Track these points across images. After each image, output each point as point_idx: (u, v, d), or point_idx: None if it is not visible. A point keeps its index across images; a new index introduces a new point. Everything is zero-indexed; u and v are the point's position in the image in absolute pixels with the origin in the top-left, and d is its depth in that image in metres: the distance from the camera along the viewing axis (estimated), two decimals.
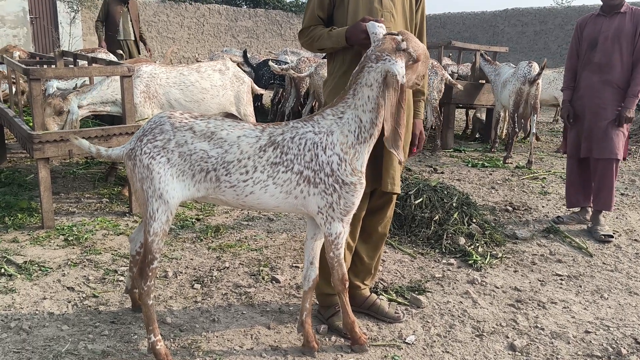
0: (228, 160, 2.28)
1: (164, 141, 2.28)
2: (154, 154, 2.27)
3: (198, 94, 4.99)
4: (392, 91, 2.17)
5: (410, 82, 2.33)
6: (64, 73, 4.09)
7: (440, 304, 3.08)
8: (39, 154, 3.88)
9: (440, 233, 3.94)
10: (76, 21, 15.14)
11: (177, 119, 2.32)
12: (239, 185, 2.30)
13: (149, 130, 2.32)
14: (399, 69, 2.18)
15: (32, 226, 4.07)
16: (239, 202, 2.36)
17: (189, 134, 2.29)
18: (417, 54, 2.25)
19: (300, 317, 2.55)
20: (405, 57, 2.22)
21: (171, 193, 2.28)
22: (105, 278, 3.27)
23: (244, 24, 19.97)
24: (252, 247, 3.83)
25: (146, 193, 2.29)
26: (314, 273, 2.53)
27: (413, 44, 2.24)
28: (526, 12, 17.90)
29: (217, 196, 2.35)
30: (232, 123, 2.35)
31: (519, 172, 6.33)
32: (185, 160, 2.28)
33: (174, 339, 2.64)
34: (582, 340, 2.74)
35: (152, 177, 2.26)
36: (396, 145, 2.21)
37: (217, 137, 2.29)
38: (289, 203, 2.37)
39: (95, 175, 5.48)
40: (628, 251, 3.96)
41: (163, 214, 2.30)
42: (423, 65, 2.32)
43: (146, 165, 2.26)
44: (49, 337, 2.61)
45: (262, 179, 2.30)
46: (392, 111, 2.19)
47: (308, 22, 2.62)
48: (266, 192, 2.32)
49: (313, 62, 7.89)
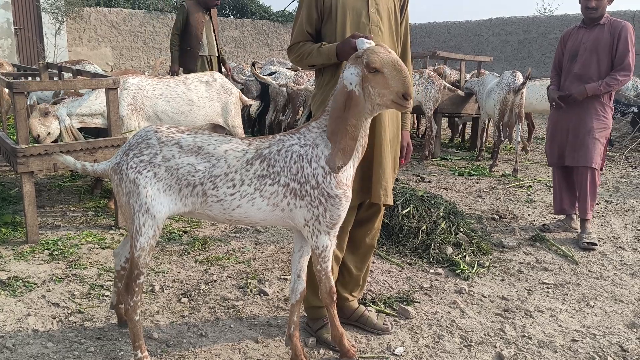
0: (215, 174, 2.28)
1: (150, 155, 2.27)
2: (141, 168, 2.25)
3: (185, 105, 4.98)
4: (339, 95, 2.18)
5: (384, 97, 2.15)
6: (48, 86, 4.07)
7: (428, 315, 3.08)
8: (23, 168, 3.85)
9: (428, 243, 3.96)
10: (61, 32, 15.04)
11: (164, 133, 2.31)
12: (226, 199, 2.29)
13: (135, 145, 2.31)
14: (348, 75, 2.17)
15: (17, 241, 4.02)
16: (225, 216, 2.35)
17: (176, 148, 2.28)
18: (370, 61, 2.11)
19: (288, 331, 2.53)
20: (359, 65, 2.15)
21: (158, 207, 2.26)
22: (90, 293, 3.23)
23: (231, 34, 19.98)
24: (239, 259, 3.81)
25: (132, 207, 2.27)
26: (301, 286, 2.52)
27: (369, 52, 2.14)
28: (510, 22, 18.11)
29: (204, 211, 2.34)
30: (219, 137, 2.35)
31: (505, 181, 6.38)
32: (172, 174, 2.27)
33: (161, 354, 2.61)
34: (569, 349, 2.76)
35: (138, 192, 2.24)
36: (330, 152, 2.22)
37: (205, 152, 2.28)
38: (276, 216, 2.36)
39: (80, 188, 5.43)
40: (613, 258, 4.00)
41: (150, 229, 2.28)
42: (394, 80, 2.11)
43: (132, 179, 2.25)
44: (33, 355, 2.57)
45: (249, 192, 2.29)
46: (335, 115, 2.19)
47: (296, 37, 2.62)
48: (253, 205, 2.31)
49: (311, 75, 7.87)
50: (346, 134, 2.17)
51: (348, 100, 2.16)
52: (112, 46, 17.37)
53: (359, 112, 2.18)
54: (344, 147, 2.19)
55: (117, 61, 17.33)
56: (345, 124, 2.16)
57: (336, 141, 2.19)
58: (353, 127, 2.17)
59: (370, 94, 2.18)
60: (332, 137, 2.21)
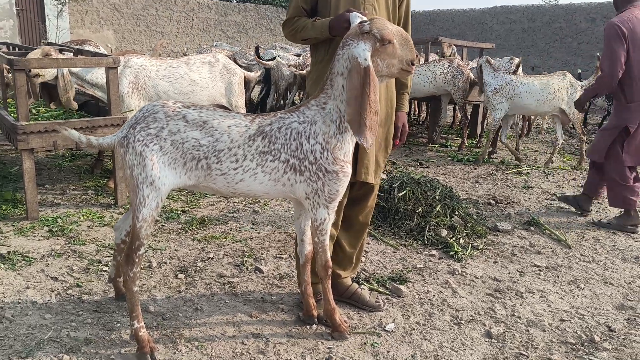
0: (219, 148, 2.32)
1: (157, 129, 2.30)
2: (147, 141, 2.29)
3: (187, 86, 5.00)
4: (355, 74, 2.18)
5: (393, 67, 2.26)
6: (48, 64, 4.09)
7: (420, 294, 3.13)
8: (23, 145, 3.88)
9: (423, 225, 4.00)
10: (63, 14, 15.02)
11: (171, 108, 2.35)
12: (230, 173, 2.35)
13: (142, 119, 2.34)
14: (360, 52, 2.19)
15: (17, 217, 4.07)
16: (229, 189, 2.40)
17: (182, 122, 2.32)
18: (383, 35, 2.18)
19: (300, 288, 2.69)
20: (369, 40, 2.20)
21: (163, 180, 2.30)
22: (89, 268, 3.28)
23: (234, 19, 19.92)
24: (236, 238, 3.86)
25: (136, 180, 2.30)
26: (305, 248, 2.63)
27: (378, 26, 2.19)
28: (514, 10, 18.02)
29: (208, 184, 2.39)
30: (224, 113, 2.39)
31: (503, 167, 6.41)
32: (177, 148, 2.31)
33: (156, 327, 2.67)
34: (557, 328, 2.81)
35: (144, 164, 2.28)
36: (359, 131, 2.21)
37: (209, 126, 2.33)
38: (278, 190, 2.43)
39: (80, 167, 5.48)
40: (606, 243, 4.04)
41: (153, 200, 2.32)
42: (403, 48, 2.24)
43: (139, 152, 2.28)
44: (31, 325, 2.62)
45: (252, 167, 2.34)
46: (355, 94, 2.19)
47: (292, 13, 2.66)
48: (255, 179, 2.37)
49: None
50: (370, 110, 2.19)
51: (365, 76, 2.18)
52: (115, 29, 17.34)
53: (376, 86, 2.21)
54: (371, 123, 2.21)
55: (120, 44, 17.31)
56: (367, 101, 2.18)
57: (361, 120, 2.19)
58: (374, 102, 2.20)
59: (378, 66, 2.25)
60: (355, 118, 2.21)
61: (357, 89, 2.20)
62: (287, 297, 3.02)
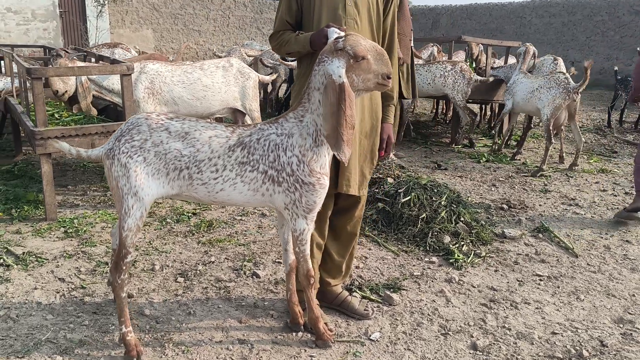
0: (200, 159, 2.41)
1: (141, 141, 2.41)
2: (132, 153, 2.40)
3: (200, 91, 5.13)
4: (330, 91, 2.22)
5: (369, 82, 2.28)
6: (64, 72, 4.27)
7: (412, 302, 3.14)
8: (41, 150, 4.08)
9: (426, 231, 3.99)
10: (103, 15, 15.52)
11: (154, 120, 2.44)
12: (210, 183, 2.43)
13: (127, 131, 2.45)
14: (334, 69, 2.23)
15: (37, 218, 4.29)
16: (210, 198, 2.49)
17: (165, 134, 2.41)
18: (356, 51, 2.20)
19: (286, 296, 2.77)
20: (343, 56, 2.23)
21: (146, 190, 2.41)
22: (95, 270, 3.43)
23: (269, 16, 20.07)
24: (240, 242, 3.95)
25: (121, 190, 2.42)
26: (289, 258, 2.69)
27: (351, 42, 2.22)
28: (554, 3, 17.47)
29: (190, 193, 2.48)
30: (206, 124, 2.47)
31: (524, 170, 6.28)
32: (160, 159, 2.40)
33: (149, 330, 2.78)
34: (547, 342, 2.77)
35: (128, 175, 2.39)
36: (337, 146, 2.24)
37: (191, 137, 2.41)
38: (257, 199, 2.50)
39: (103, 168, 5.68)
40: (617, 252, 3.93)
41: (138, 210, 2.42)
42: (378, 63, 2.26)
43: (123, 164, 2.39)
44: (33, 326, 2.78)
45: (231, 177, 2.42)
46: (331, 110, 2.23)
47: (278, 26, 2.71)
48: (235, 189, 2.45)
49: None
50: (346, 125, 2.23)
51: (341, 93, 2.22)
52: (153, 28, 17.77)
53: (352, 101, 2.25)
54: (348, 138, 2.26)
55: (158, 43, 17.75)
56: (344, 116, 2.22)
57: (338, 136, 2.24)
58: (350, 117, 2.24)
59: (353, 82, 2.28)
60: (333, 134, 2.26)
61: (333, 105, 2.23)
62: (279, 303, 3.08)
